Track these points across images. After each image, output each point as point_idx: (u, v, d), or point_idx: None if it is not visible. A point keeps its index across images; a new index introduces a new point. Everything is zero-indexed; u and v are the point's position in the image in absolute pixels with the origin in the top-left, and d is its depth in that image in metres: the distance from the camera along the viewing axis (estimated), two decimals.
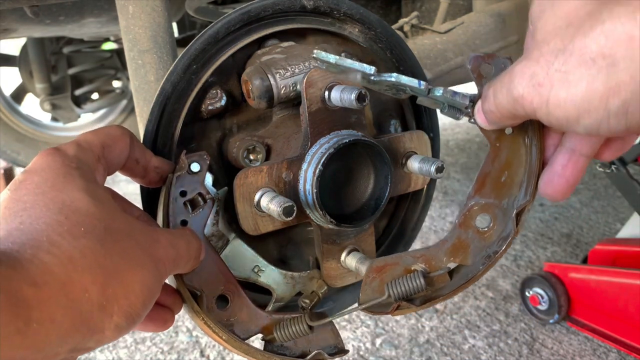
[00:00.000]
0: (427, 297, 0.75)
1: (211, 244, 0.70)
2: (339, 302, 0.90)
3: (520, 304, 1.99)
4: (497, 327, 1.88)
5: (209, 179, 0.71)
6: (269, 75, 0.73)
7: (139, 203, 0.74)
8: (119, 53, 3.24)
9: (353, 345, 1.82)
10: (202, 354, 1.81)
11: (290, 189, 0.74)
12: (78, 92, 3.16)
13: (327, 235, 0.80)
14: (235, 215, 0.72)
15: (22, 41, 3.04)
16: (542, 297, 1.84)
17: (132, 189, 3.12)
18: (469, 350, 1.78)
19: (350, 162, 0.77)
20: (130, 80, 0.97)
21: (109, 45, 3.35)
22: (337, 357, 0.74)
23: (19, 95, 3.36)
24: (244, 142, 0.78)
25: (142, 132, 0.78)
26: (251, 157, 0.78)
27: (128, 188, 3.16)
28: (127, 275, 0.51)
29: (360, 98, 0.68)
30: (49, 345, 0.44)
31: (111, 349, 1.89)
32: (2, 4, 0.96)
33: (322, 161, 0.71)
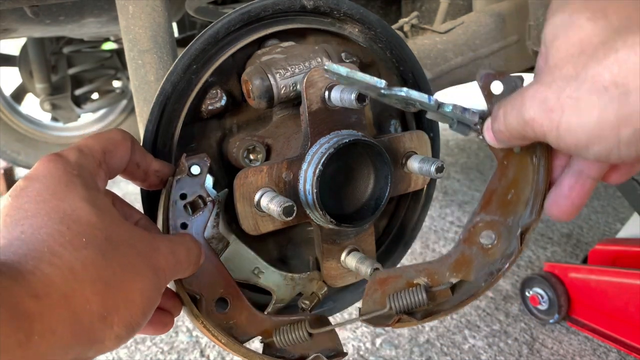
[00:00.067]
0: (429, 312, 0.75)
1: (211, 247, 0.69)
2: (339, 302, 0.90)
3: (520, 303, 1.99)
4: (497, 327, 1.88)
5: (209, 181, 0.71)
6: (269, 75, 0.73)
7: (139, 203, 0.74)
8: (119, 53, 3.23)
9: (353, 345, 1.82)
10: (202, 354, 1.81)
11: (290, 189, 0.74)
12: (78, 92, 3.15)
13: (327, 235, 0.80)
14: (235, 216, 0.72)
15: (22, 41, 3.03)
16: (542, 297, 1.84)
17: (132, 188, 3.12)
18: (469, 350, 1.78)
19: (350, 162, 0.77)
20: (130, 80, 0.97)
21: (109, 45, 3.35)
22: None
23: (19, 95, 3.36)
24: (244, 142, 0.78)
25: (142, 132, 0.78)
26: (251, 157, 0.78)
27: (128, 188, 3.16)
28: (127, 286, 0.51)
29: (360, 98, 0.68)
30: (50, 357, 0.44)
31: None
32: (2, 4, 0.96)
33: (322, 161, 0.71)
